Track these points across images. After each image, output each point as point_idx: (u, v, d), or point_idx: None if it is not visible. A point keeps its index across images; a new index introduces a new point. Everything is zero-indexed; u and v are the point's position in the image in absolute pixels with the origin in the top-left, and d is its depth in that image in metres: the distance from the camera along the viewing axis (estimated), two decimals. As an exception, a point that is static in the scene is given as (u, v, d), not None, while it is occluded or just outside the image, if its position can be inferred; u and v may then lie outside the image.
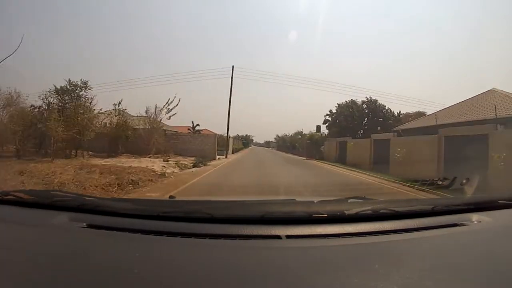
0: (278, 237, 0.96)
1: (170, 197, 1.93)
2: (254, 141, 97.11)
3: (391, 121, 30.57)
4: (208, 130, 29.83)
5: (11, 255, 0.86)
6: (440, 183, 6.79)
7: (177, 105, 19.31)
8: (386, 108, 32.92)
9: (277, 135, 74.29)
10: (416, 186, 7.78)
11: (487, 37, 50.37)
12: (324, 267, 0.80)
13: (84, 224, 1.04)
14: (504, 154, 7.46)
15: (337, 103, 34.94)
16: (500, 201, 1.30)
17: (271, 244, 0.94)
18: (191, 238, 0.96)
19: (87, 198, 1.32)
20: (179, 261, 0.84)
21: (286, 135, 60.86)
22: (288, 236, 0.96)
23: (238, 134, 65.57)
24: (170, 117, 19.57)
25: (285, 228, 1.00)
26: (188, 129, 28.17)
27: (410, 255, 0.90)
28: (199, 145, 20.10)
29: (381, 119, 31.97)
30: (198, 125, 29.94)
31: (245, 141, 65.94)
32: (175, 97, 19.72)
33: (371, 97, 33.37)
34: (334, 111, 34.87)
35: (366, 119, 33.20)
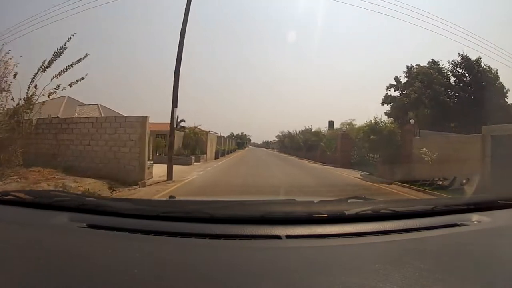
0: (278, 237, 0.96)
1: (170, 197, 1.93)
2: (251, 141, 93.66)
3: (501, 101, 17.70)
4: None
5: (11, 255, 0.86)
6: (440, 183, 6.83)
7: (82, 59, 7.84)
8: (494, 71, 17.55)
9: (281, 132, 57.28)
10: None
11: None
12: (324, 267, 0.80)
13: (84, 224, 1.04)
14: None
15: (406, 66, 20.37)
16: (500, 201, 1.31)
17: (271, 244, 0.94)
18: (191, 238, 0.96)
19: (87, 198, 1.32)
20: (179, 261, 0.84)
21: (291, 133, 44.45)
22: (288, 236, 0.96)
23: (232, 133, 58.95)
24: (70, 84, 7.60)
25: (285, 228, 1.00)
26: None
27: (410, 255, 0.89)
28: (108, 145, 8.70)
29: (491, 93, 16.76)
30: (183, 120, 19.82)
31: (240, 141, 59.23)
32: (72, 36, 7.75)
33: (466, 55, 18.11)
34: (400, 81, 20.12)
35: (465, 93, 17.89)
